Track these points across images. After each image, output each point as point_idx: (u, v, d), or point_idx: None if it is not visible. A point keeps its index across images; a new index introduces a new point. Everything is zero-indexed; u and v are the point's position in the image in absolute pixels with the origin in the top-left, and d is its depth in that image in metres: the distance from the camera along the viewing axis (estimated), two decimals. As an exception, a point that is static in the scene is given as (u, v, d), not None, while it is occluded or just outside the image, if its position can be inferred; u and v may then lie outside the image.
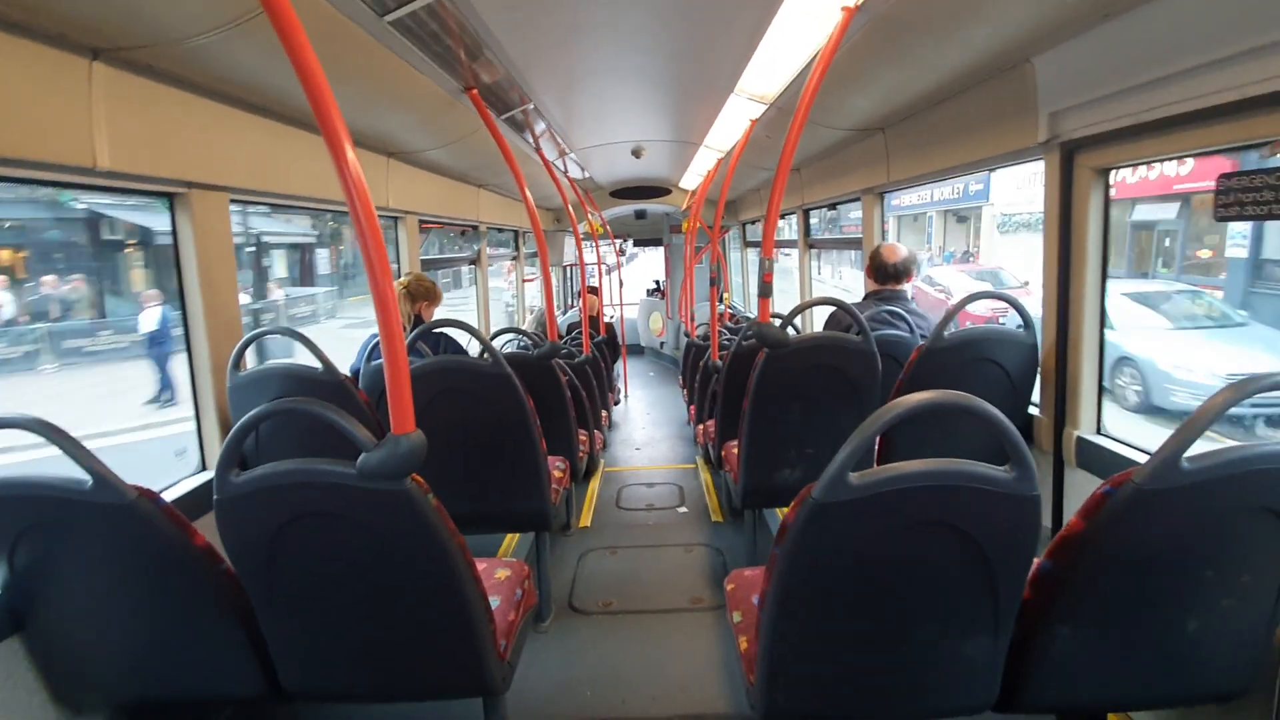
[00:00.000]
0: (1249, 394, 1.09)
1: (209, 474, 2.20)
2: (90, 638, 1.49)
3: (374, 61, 2.11)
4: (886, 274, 2.87)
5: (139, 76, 1.81)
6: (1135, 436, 2.01)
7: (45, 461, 1.34)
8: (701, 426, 4.37)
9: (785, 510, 1.27)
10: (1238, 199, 1.55)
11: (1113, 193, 2.05)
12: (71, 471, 1.30)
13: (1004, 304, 3.37)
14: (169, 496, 1.97)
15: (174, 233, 2.13)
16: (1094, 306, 2.08)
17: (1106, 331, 2.12)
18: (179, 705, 1.74)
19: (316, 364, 2.24)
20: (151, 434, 7.20)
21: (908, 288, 2.94)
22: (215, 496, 1.29)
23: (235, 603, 1.43)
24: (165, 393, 8.35)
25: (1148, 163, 1.91)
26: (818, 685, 1.36)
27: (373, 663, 1.51)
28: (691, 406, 5.29)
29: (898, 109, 2.89)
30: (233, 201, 2.27)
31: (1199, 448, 1.12)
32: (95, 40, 1.64)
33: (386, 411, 1.27)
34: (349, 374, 2.40)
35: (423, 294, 3.00)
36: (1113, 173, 2.02)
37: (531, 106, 3.17)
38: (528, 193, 2.96)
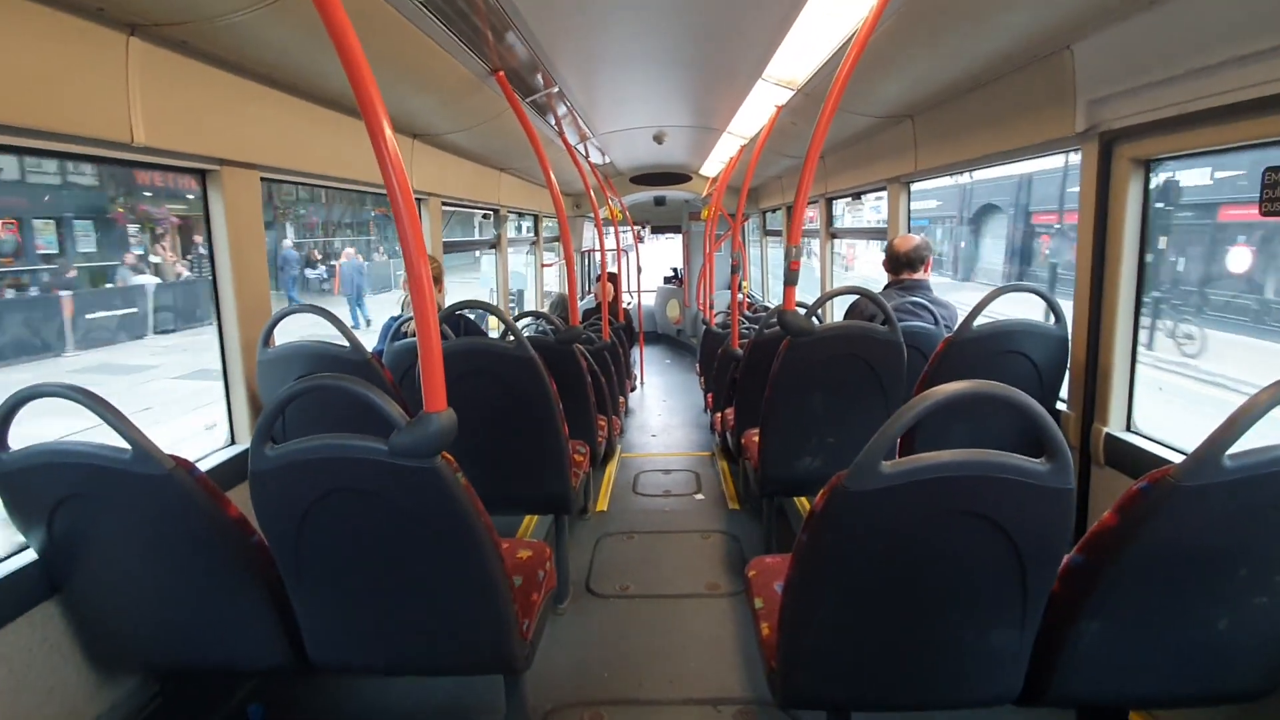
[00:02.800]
0: None
1: (239, 447, 2.24)
2: (124, 603, 1.53)
3: (403, 42, 2.11)
4: (900, 264, 2.89)
5: (175, 53, 1.82)
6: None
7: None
8: (719, 414, 4.37)
9: (803, 498, 1.27)
10: None
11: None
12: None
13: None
14: (202, 468, 2.01)
15: (206, 209, 2.15)
16: (1128, 302, 2.04)
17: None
18: (208, 672, 1.78)
19: (344, 341, 2.26)
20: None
21: (929, 277, 2.93)
22: (250, 469, 1.31)
23: (265, 574, 1.45)
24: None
25: (1191, 155, 1.86)
26: (841, 672, 1.37)
27: (399, 637, 1.53)
28: (709, 394, 5.28)
29: (928, 96, 2.84)
30: (263, 180, 2.29)
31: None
32: (132, 16, 1.65)
33: (408, 391, 1.28)
34: (373, 353, 2.42)
35: (433, 275, 3.03)
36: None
37: (556, 89, 3.15)
38: (552, 176, 2.95)
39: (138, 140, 1.72)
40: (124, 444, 1.31)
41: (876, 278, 3.16)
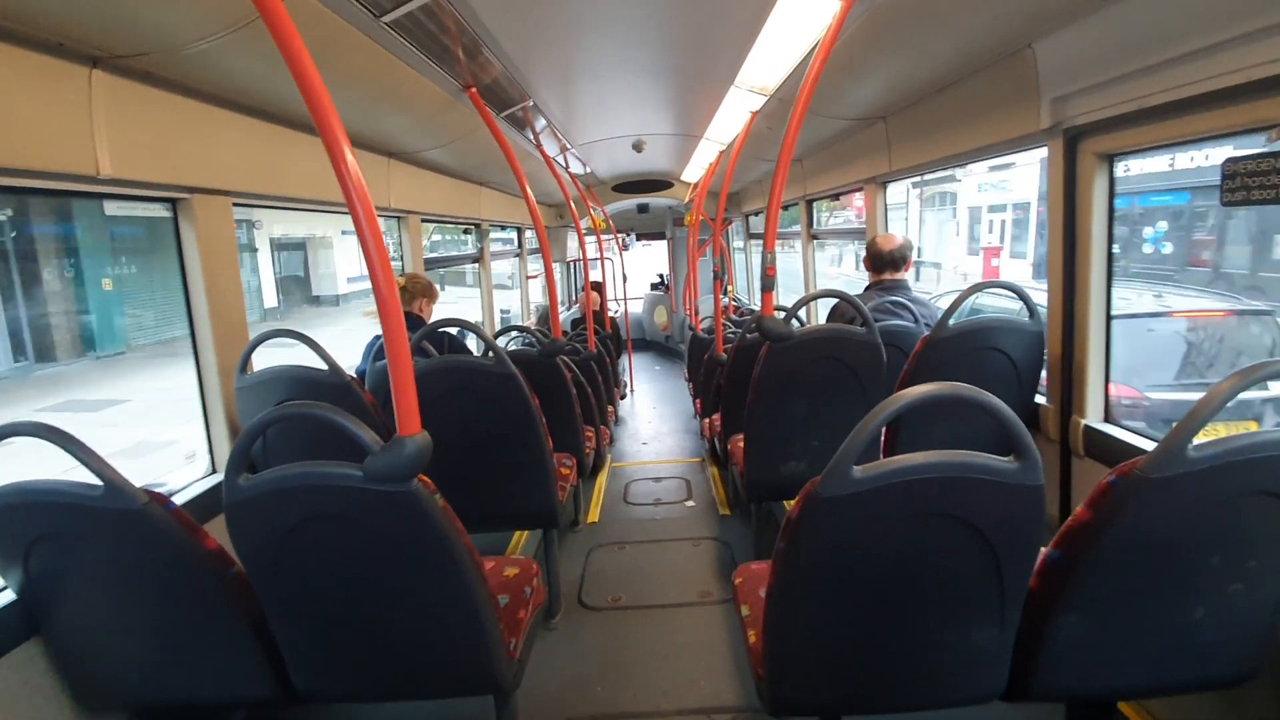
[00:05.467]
0: (1255, 381, 1.08)
1: (219, 477, 2.22)
2: (104, 641, 1.51)
3: (373, 63, 2.11)
4: (883, 263, 2.90)
5: (138, 84, 1.82)
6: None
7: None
8: (707, 420, 4.38)
9: (791, 503, 1.27)
10: (1244, 183, 1.53)
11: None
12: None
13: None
14: (180, 499, 1.99)
15: (177, 238, 2.14)
16: (1099, 294, 2.07)
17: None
18: (193, 707, 1.76)
19: (323, 365, 2.25)
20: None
21: (909, 275, 2.95)
22: (225, 500, 1.30)
23: (246, 605, 1.44)
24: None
25: (1153, 149, 1.88)
26: (826, 677, 1.37)
27: (384, 663, 1.52)
28: (697, 400, 5.29)
29: (899, 97, 2.87)
30: (235, 205, 2.28)
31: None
32: (94, 49, 1.64)
33: (393, 412, 1.28)
34: (354, 375, 2.41)
35: (420, 291, 3.03)
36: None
37: (531, 103, 3.16)
38: (529, 189, 2.96)
39: (104, 172, 1.71)
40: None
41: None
